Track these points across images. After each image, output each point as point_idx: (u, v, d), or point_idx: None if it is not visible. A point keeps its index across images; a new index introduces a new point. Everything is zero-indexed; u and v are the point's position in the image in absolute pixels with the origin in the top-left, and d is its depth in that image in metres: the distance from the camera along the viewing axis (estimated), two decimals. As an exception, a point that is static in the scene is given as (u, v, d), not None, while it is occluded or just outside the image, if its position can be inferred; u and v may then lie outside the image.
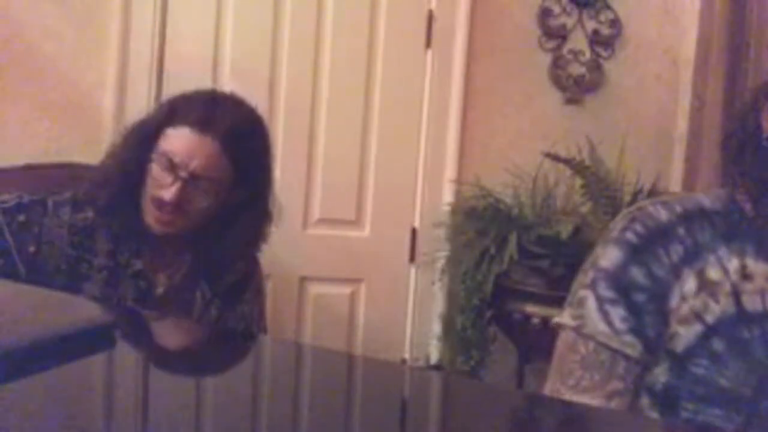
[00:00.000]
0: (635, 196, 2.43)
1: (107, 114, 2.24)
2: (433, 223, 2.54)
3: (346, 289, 2.55)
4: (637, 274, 1.00)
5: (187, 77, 1.50)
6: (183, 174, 1.33)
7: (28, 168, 1.87)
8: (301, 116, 2.45)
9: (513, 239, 2.31)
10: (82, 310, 1.12)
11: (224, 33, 2.36)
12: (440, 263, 2.53)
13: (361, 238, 2.54)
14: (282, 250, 2.46)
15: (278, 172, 2.41)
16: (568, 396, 1.01)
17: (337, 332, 2.52)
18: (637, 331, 0.99)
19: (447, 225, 2.53)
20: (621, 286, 1.00)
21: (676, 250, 0.99)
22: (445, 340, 2.50)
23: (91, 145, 2.01)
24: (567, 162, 2.43)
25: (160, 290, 1.43)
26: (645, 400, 1.01)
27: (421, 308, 2.58)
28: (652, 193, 2.46)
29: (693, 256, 0.99)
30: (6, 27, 2.19)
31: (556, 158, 2.44)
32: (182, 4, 2.32)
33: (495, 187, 2.50)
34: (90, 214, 1.39)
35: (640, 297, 0.99)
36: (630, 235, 1.01)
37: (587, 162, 2.46)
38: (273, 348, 0.96)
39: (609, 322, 1.00)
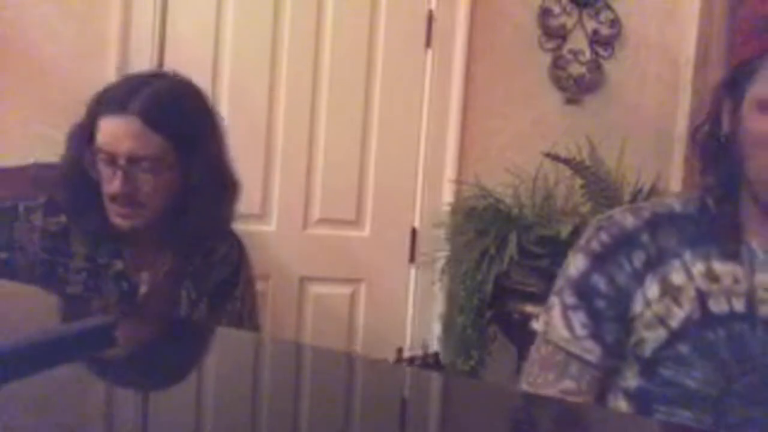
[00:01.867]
0: (635, 196, 2.43)
1: (107, 114, 2.24)
2: (433, 223, 2.54)
3: (346, 289, 2.55)
4: (598, 281, 1.02)
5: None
6: (120, 162, 1.31)
7: (28, 168, 1.86)
8: (301, 116, 2.45)
9: (513, 239, 2.31)
10: (83, 310, 1.12)
11: (224, 33, 2.37)
12: (440, 263, 2.53)
13: (361, 238, 2.54)
14: (282, 250, 2.46)
15: (278, 172, 2.45)
16: None
17: (337, 332, 2.52)
18: (596, 336, 1.02)
19: (447, 225, 2.53)
20: (583, 293, 1.03)
21: (639, 257, 1.01)
22: (445, 340, 2.50)
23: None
24: (567, 162, 2.43)
25: (143, 289, 1.42)
26: (622, 403, 1.03)
27: (421, 308, 2.58)
28: (652, 193, 2.47)
29: (656, 262, 1.00)
30: (6, 27, 2.19)
31: (556, 158, 2.44)
32: (182, 4, 2.33)
33: (495, 187, 2.50)
34: (63, 218, 1.38)
35: (601, 303, 1.02)
36: (594, 244, 1.04)
37: (587, 162, 2.46)
38: (273, 348, 0.96)
39: (570, 328, 1.03)
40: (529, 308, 2.25)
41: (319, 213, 2.50)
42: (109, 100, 1.35)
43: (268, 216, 2.44)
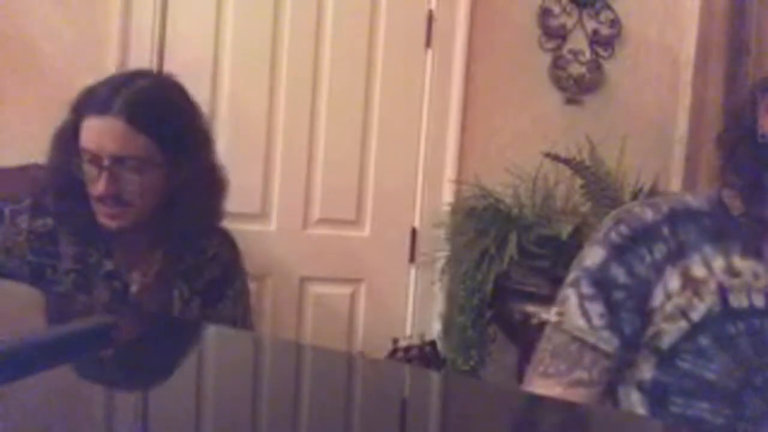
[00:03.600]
0: (635, 196, 2.43)
1: (107, 114, 2.23)
2: (433, 223, 2.54)
3: (346, 289, 2.55)
4: (617, 272, 1.02)
5: (187, 77, 1.50)
6: (105, 163, 1.31)
7: (28, 168, 1.87)
8: (301, 116, 2.45)
9: (513, 239, 2.31)
10: (83, 310, 1.12)
11: (224, 33, 2.36)
12: (440, 263, 2.53)
13: (361, 238, 2.54)
14: (282, 250, 2.46)
15: (278, 172, 2.45)
16: (536, 382, 1.04)
17: (337, 332, 2.52)
18: (613, 326, 1.02)
19: (447, 225, 2.53)
20: (601, 283, 1.03)
21: (660, 249, 1.01)
22: (445, 340, 2.50)
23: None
24: (567, 162, 2.43)
25: (134, 289, 1.41)
26: (635, 396, 1.03)
27: (421, 308, 2.58)
28: (652, 193, 2.46)
29: (677, 254, 1.01)
30: (6, 27, 2.19)
31: (556, 158, 2.44)
32: (182, 4, 2.32)
33: (495, 187, 2.50)
34: (49, 220, 1.38)
35: (619, 294, 1.02)
36: (614, 236, 1.04)
37: (587, 162, 2.46)
38: (273, 348, 0.96)
39: (587, 318, 1.03)
40: (529, 308, 2.25)
41: (319, 213, 2.50)
42: (92, 101, 1.35)
43: (268, 216, 2.44)
